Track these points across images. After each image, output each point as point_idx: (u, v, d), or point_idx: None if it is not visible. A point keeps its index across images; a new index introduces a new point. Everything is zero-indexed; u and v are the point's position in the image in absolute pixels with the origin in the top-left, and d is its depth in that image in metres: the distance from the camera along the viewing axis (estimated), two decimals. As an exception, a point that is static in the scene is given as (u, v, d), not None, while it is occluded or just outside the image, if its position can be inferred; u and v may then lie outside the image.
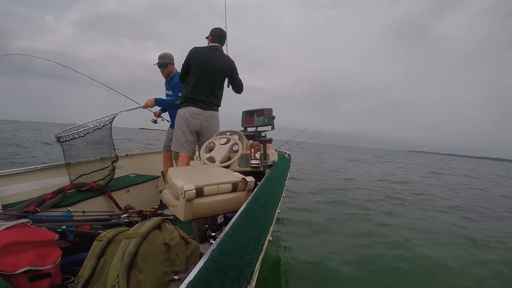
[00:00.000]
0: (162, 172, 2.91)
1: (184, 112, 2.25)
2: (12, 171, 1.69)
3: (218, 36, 2.32)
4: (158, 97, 2.56)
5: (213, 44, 2.30)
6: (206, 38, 2.39)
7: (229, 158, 2.14)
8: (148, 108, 2.60)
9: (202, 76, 2.22)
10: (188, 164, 2.30)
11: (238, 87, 2.43)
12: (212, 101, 2.29)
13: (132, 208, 1.92)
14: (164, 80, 2.83)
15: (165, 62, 2.67)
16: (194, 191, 1.20)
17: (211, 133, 2.32)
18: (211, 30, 2.34)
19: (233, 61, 2.39)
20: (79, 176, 1.96)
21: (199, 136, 2.37)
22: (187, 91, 2.26)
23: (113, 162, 2.12)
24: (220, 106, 2.41)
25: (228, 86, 2.44)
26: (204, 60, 2.21)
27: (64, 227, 1.16)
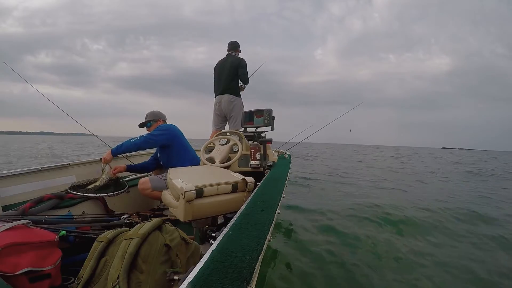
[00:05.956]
0: None
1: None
2: (12, 172, 1.67)
3: (230, 45, 3.49)
4: (114, 147, 2.06)
5: (228, 53, 3.46)
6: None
7: (229, 159, 2.14)
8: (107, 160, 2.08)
9: (217, 75, 3.43)
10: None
11: (242, 78, 3.32)
12: (225, 88, 3.31)
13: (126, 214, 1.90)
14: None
15: (147, 121, 2.37)
16: (194, 191, 1.20)
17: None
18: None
19: (241, 60, 3.31)
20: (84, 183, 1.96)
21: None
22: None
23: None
24: (237, 93, 3.36)
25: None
26: (219, 65, 3.43)
27: (63, 232, 1.15)
